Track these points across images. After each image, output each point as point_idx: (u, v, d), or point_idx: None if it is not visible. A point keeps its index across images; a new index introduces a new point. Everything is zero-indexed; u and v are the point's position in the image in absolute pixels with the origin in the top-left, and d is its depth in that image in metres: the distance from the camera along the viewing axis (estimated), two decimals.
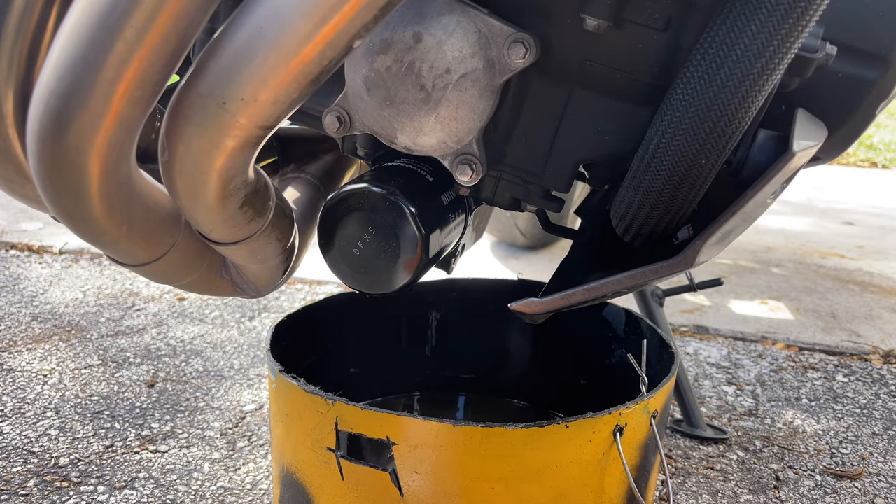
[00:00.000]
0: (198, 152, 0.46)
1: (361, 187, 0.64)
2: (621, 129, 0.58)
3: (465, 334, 1.07)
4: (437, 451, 0.64)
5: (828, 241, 2.61)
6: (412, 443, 0.64)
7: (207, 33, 0.69)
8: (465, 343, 1.08)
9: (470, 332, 1.07)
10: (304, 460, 0.71)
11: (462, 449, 0.64)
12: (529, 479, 0.65)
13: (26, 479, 1.01)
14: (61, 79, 0.40)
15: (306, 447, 0.69)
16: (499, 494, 0.65)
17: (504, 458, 0.64)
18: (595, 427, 0.66)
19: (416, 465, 0.64)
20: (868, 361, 1.54)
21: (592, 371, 1.01)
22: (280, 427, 0.74)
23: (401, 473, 0.65)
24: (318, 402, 0.66)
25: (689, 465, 1.13)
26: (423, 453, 0.64)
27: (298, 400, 0.68)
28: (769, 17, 0.44)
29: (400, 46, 0.57)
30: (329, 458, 0.67)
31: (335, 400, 0.65)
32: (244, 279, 0.71)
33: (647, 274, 0.56)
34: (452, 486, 0.65)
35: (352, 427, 0.65)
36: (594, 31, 0.53)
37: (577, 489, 0.68)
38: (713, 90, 0.47)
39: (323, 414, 0.66)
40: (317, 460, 0.69)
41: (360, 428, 0.65)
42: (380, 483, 0.66)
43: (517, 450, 0.64)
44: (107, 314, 1.61)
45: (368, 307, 0.99)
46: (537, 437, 0.64)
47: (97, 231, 0.49)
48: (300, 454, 0.71)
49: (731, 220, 0.52)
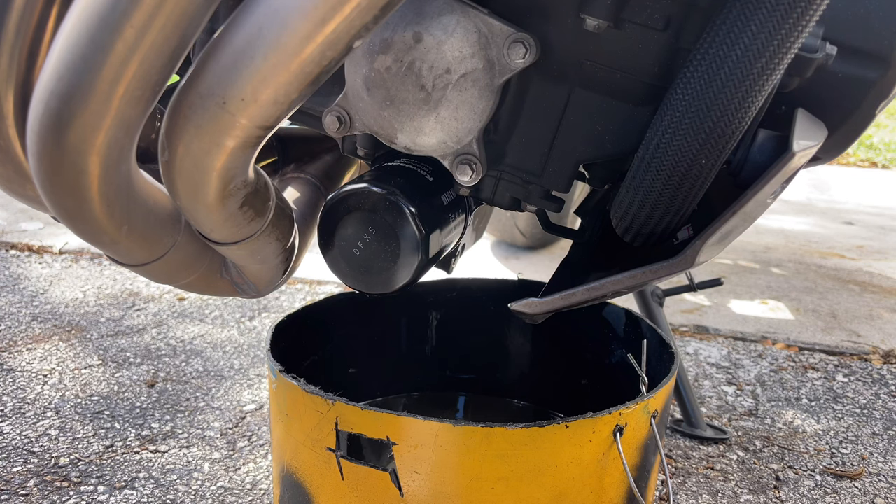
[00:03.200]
0: (198, 152, 0.46)
1: (361, 187, 0.64)
2: (621, 129, 0.58)
3: (464, 334, 1.07)
4: (437, 450, 0.64)
5: (828, 241, 2.61)
6: (412, 443, 0.64)
7: (207, 33, 0.69)
8: (465, 343, 1.08)
9: (470, 332, 1.07)
10: (305, 460, 0.71)
11: (462, 449, 0.64)
12: (529, 479, 0.65)
13: (26, 479, 1.01)
14: (61, 79, 0.40)
15: (306, 447, 0.69)
16: (499, 494, 0.65)
17: (504, 457, 0.64)
18: (595, 427, 0.65)
19: (416, 464, 0.64)
20: (868, 361, 1.54)
21: (592, 371, 1.01)
22: (280, 427, 0.74)
23: (401, 473, 0.65)
24: (318, 401, 0.66)
25: (689, 465, 1.13)
26: (423, 453, 0.64)
27: (298, 400, 0.68)
28: (769, 18, 0.44)
29: (400, 46, 0.57)
30: (329, 458, 0.67)
31: (335, 400, 0.65)
32: (244, 279, 0.71)
33: (647, 274, 0.56)
34: (452, 486, 0.65)
35: (352, 427, 0.65)
36: (594, 31, 0.53)
37: (577, 489, 0.67)
38: (713, 90, 0.47)
39: (323, 414, 0.66)
40: (317, 460, 0.69)
41: (360, 428, 0.65)
42: (380, 483, 0.66)
43: (517, 450, 0.64)
44: (107, 314, 1.61)
45: (368, 307, 0.99)
46: (537, 437, 0.64)
47: (97, 231, 0.49)
48: (300, 454, 0.71)
49: (731, 220, 0.52)
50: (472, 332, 1.07)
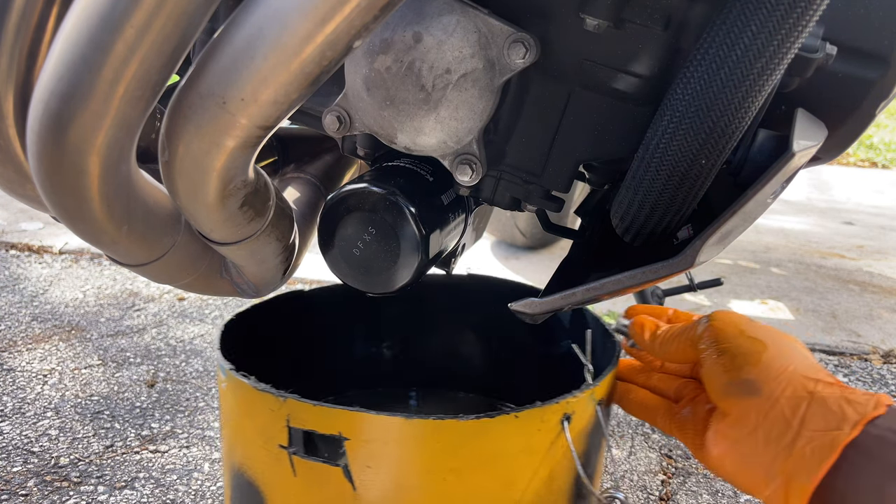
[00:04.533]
0: (198, 152, 0.46)
1: (361, 187, 0.63)
2: (621, 129, 0.58)
3: (416, 329, 1.10)
4: (390, 444, 0.64)
5: (828, 241, 2.61)
6: (365, 437, 0.64)
7: (207, 33, 0.69)
8: (417, 338, 1.10)
9: (421, 328, 1.09)
10: (257, 459, 0.71)
11: (414, 442, 0.65)
12: (480, 469, 0.66)
13: (26, 479, 1.01)
14: (61, 79, 0.40)
15: (258, 445, 0.69)
16: (450, 485, 0.66)
17: (455, 449, 0.65)
18: (544, 416, 0.67)
19: (368, 459, 0.65)
20: (868, 361, 1.54)
21: (541, 362, 1.04)
22: (231, 427, 0.74)
23: (353, 468, 0.65)
24: (269, 399, 0.66)
25: (689, 465, 1.13)
26: (375, 447, 0.65)
27: (250, 398, 0.68)
28: (769, 18, 0.44)
29: (400, 46, 0.57)
30: (281, 456, 0.67)
31: (286, 397, 0.65)
32: (244, 279, 0.71)
33: (647, 274, 0.56)
34: (405, 479, 0.66)
35: (304, 424, 0.65)
36: (594, 30, 0.53)
37: (527, 477, 0.69)
38: (713, 90, 0.47)
39: (275, 411, 0.66)
40: (269, 458, 0.69)
41: (313, 424, 0.65)
42: (333, 478, 0.66)
43: (468, 441, 0.65)
44: (107, 314, 1.61)
45: (320, 304, 0.99)
46: (488, 428, 0.65)
47: (97, 231, 0.49)
48: (252, 453, 0.71)
49: (731, 220, 0.52)
50: (423, 328, 1.09)
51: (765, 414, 0.55)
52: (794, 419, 0.53)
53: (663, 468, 1.12)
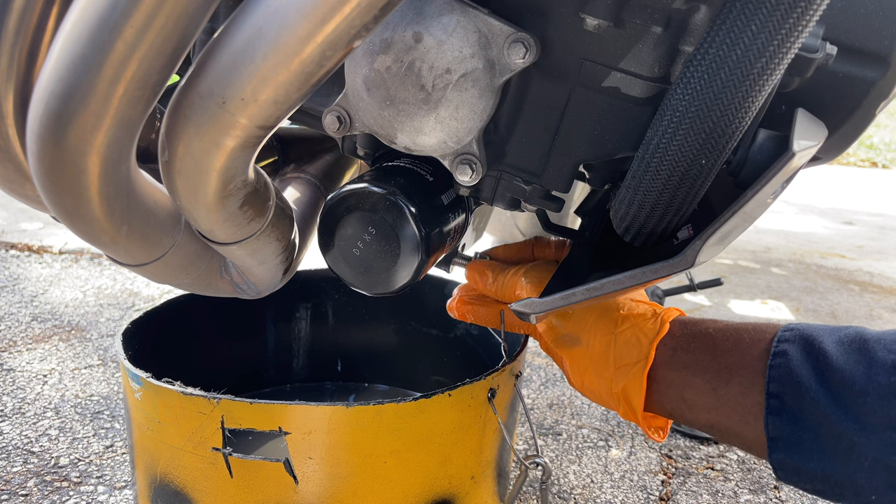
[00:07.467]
0: (198, 152, 0.46)
1: (361, 187, 0.63)
2: (621, 129, 0.58)
3: (329, 324, 1.12)
4: (331, 434, 0.65)
5: (828, 241, 2.61)
6: (305, 430, 0.65)
7: (207, 33, 0.69)
8: (330, 333, 1.12)
9: (335, 322, 1.12)
10: (185, 466, 0.69)
11: (355, 428, 0.66)
12: (418, 449, 0.69)
13: (26, 479, 1.01)
14: (61, 79, 0.40)
15: (186, 452, 0.68)
16: (391, 467, 0.68)
17: (395, 431, 0.67)
18: (473, 392, 0.72)
19: (309, 450, 0.66)
20: None
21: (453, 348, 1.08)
22: (149, 437, 0.72)
23: (295, 461, 0.66)
24: (199, 402, 0.65)
25: (689, 465, 1.13)
26: (316, 438, 0.65)
27: (175, 404, 0.67)
28: (769, 18, 0.44)
29: (400, 46, 0.57)
30: (215, 459, 0.67)
31: (220, 398, 0.65)
32: (244, 279, 0.71)
33: (647, 274, 0.56)
34: (346, 466, 0.67)
35: (240, 423, 0.65)
36: (594, 30, 0.53)
37: (460, 451, 0.73)
38: (713, 90, 0.47)
39: (206, 414, 0.65)
40: (201, 463, 0.68)
41: (250, 422, 0.65)
42: (273, 474, 0.66)
43: (406, 422, 0.67)
44: (107, 314, 1.61)
45: (228, 302, 0.99)
46: (425, 408, 0.68)
47: (97, 231, 0.49)
48: (179, 460, 0.70)
49: (731, 220, 0.52)
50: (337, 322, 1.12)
51: (589, 357, 0.68)
52: (609, 358, 0.67)
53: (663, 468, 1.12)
